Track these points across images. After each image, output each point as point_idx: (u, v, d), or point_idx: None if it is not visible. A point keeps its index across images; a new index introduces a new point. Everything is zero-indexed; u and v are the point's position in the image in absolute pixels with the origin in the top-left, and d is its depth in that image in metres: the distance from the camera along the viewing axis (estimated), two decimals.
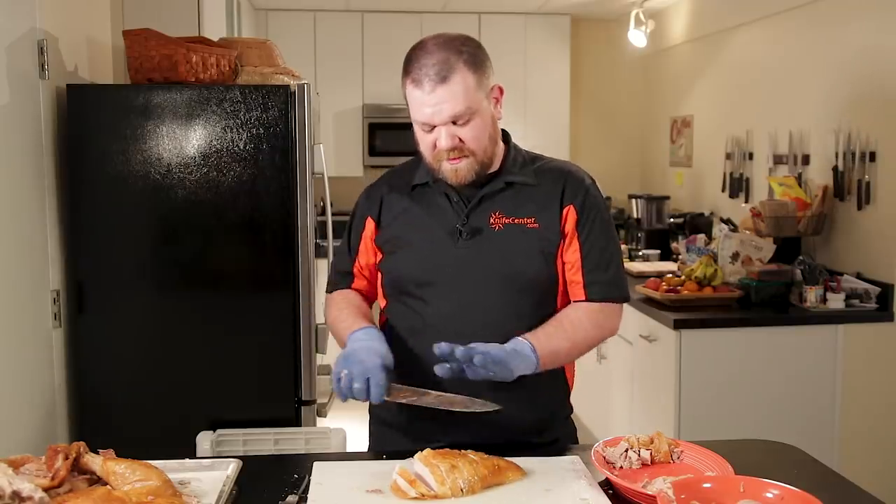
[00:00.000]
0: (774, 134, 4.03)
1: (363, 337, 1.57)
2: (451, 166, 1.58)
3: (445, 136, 1.55)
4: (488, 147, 1.61)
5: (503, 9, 5.59)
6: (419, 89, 1.54)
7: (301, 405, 2.53)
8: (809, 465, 1.60)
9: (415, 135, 1.63)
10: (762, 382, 3.20)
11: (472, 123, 1.56)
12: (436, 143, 1.57)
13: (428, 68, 1.53)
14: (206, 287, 2.49)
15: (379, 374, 1.48)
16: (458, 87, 1.53)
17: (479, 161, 1.59)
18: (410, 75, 1.56)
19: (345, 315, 1.67)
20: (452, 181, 1.61)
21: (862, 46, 3.42)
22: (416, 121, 1.59)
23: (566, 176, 1.68)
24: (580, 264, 1.64)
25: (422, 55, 1.55)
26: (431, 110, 1.54)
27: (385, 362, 1.50)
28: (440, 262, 1.63)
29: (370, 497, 1.36)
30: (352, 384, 1.47)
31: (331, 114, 5.58)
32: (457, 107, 1.53)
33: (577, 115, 6.07)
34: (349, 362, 1.50)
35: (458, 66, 1.53)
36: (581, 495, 1.37)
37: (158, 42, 2.46)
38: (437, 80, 1.52)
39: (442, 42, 1.56)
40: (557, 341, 1.59)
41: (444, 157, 1.57)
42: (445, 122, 1.55)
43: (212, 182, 2.45)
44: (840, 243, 3.55)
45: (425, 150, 1.61)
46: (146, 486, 1.29)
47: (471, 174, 1.60)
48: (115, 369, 2.45)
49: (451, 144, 1.55)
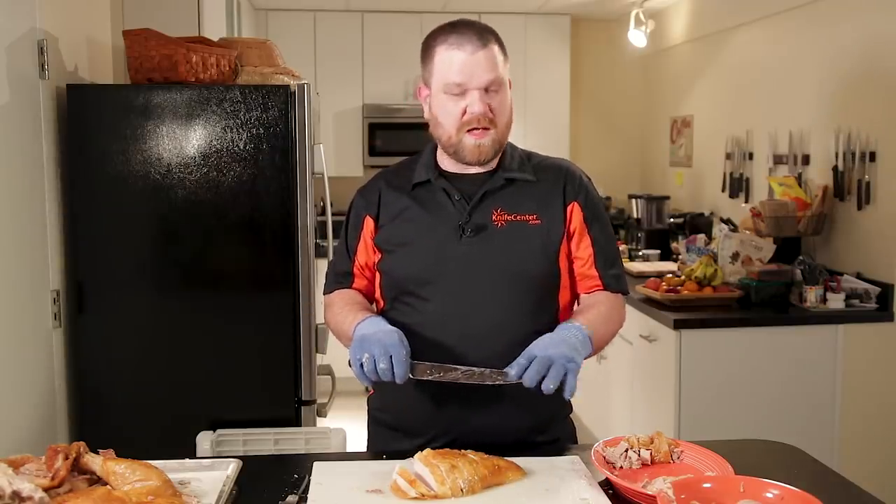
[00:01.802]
0: (774, 134, 4.03)
1: (371, 323, 1.55)
2: (473, 141, 1.59)
3: (479, 101, 1.57)
4: (506, 129, 1.63)
5: (503, 9, 5.60)
6: (460, 51, 1.57)
7: (301, 405, 2.53)
8: (809, 465, 1.60)
9: (431, 115, 1.63)
10: (762, 382, 3.20)
11: (500, 95, 1.60)
12: (465, 110, 1.58)
13: (470, 34, 1.58)
14: (206, 287, 2.49)
15: (401, 351, 1.46)
16: (494, 55, 1.59)
17: (499, 139, 1.61)
18: (447, 41, 1.58)
19: (347, 310, 1.66)
20: (472, 158, 1.61)
21: (862, 46, 3.42)
22: (450, 83, 1.58)
23: (565, 173, 1.70)
24: (593, 259, 1.67)
25: (457, 25, 1.61)
26: (470, 71, 1.56)
27: (402, 339, 1.49)
28: (443, 259, 1.62)
29: (370, 497, 1.36)
30: (376, 365, 1.45)
31: (331, 114, 5.57)
32: (493, 71, 1.57)
33: (577, 115, 6.07)
34: (367, 345, 1.48)
35: (490, 38, 1.60)
36: (581, 495, 1.37)
37: (158, 42, 2.46)
38: (479, 44, 1.57)
39: (472, 21, 1.63)
40: (602, 326, 1.61)
41: (471, 125, 1.58)
42: (483, 85, 1.57)
43: (212, 182, 2.45)
44: (840, 243, 3.55)
45: (450, 122, 1.60)
46: (146, 486, 1.29)
47: (491, 151, 1.61)
48: (115, 369, 2.45)
49: (483, 110, 1.57)
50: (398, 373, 1.45)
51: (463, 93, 1.57)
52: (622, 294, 1.71)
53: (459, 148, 1.61)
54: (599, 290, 1.68)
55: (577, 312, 1.67)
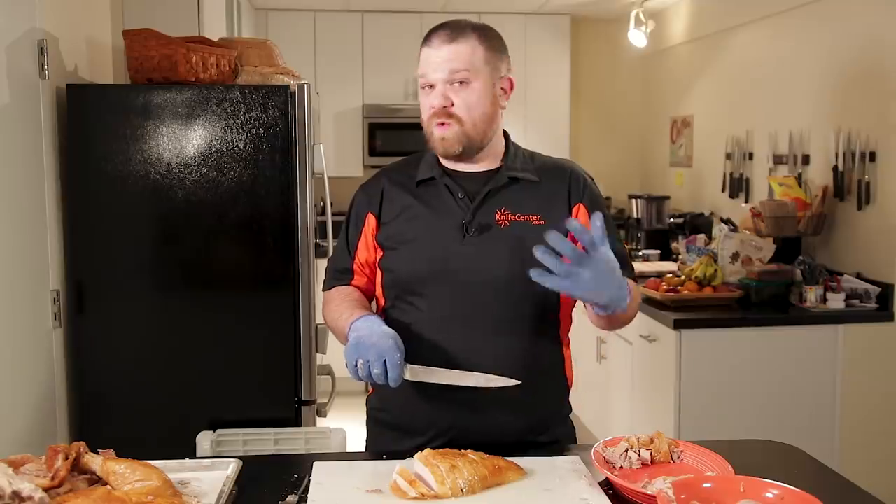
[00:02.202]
0: (774, 134, 4.03)
1: (366, 324, 1.54)
2: (438, 133, 1.60)
3: (438, 94, 1.59)
4: (479, 123, 1.61)
5: (503, 9, 5.60)
6: (428, 47, 1.60)
7: (301, 405, 2.53)
8: (809, 465, 1.60)
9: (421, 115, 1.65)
10: (762, 382, 3.20)
11: (468, 89, 1.59)
12: (431, 105, 1.60)
13: (442, 30, 1.61)
14: (205, 287, 2.49)
15: (394, 355, 1.45)
16: (464, 49, 1.59)
17: (466, 132, 1.60)
18: (428, 39, 1.62)
19: (344, 307, 1.66)
20: (439, 150, 1.63)
21: (862, 46, 3.42)
22: (420, 79, 1.62)
23: (569, 173, 1.70)
24: None
25: (445, 24, 1.63)
26: (432, 64, 1.59)
27: (397, 342, 1.48)
28: (446, 257, 1.62)
29: (370, 497, 1.36)
30: (370, 370, 1.45)
31: (331, 114, 5.58)
32: (454, 64, 1.57)
33: (577, 115, 6.07)
34: (361, 349, 1.47)
35: (469, 34, 1.60)
36: (581, 495, 1.37)
37: (158, 42, 2.46)
38: (447, 39, 1.59)
39: (464, 19, 1.65)
40: (636, 293, 1.61)
41: (436, 120, 1.60)
42: (444, 78, 1.58)
43: (212, 182, 2.45)
44: (840, 243, 3.55)
45: (424, 115, 1.63)
46: (146, 486, 1.29)
47: (457, 145, 1.60)
48: (115, 369, 2.45)
49: (441, 102, 1.58)
50: (391, 377, 1.45)
51: (432, 87, 1.60)
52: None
53: (431, 140, 1.63)
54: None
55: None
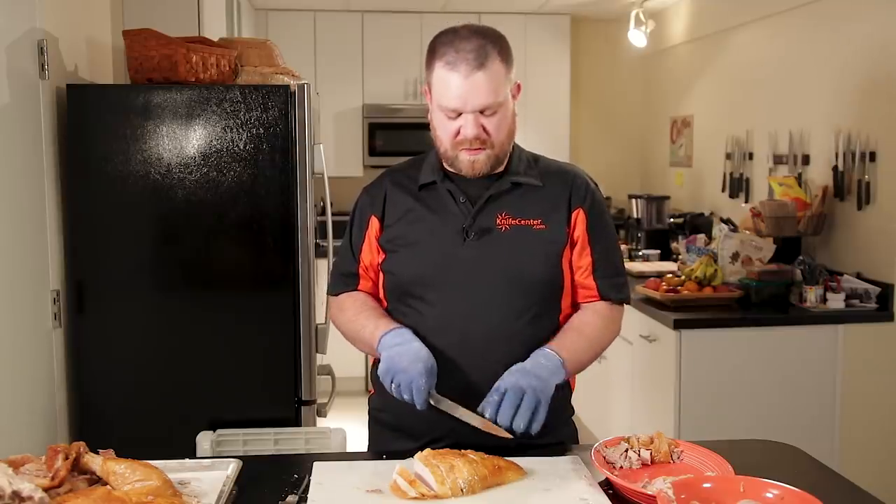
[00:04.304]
0: (774, 134, 4.03)
1: (397, 340, 1.57)
2: (469, 157, 1.58)
3: (472, 125, 1.54)
4: (506, 142, 1.61)
5: (503, 9, 5.60)
6: (455, 72, 1.52)
7: (301, 405, 2.53)
8: (809, 465, 1.60)
9: (431, 121, 1.63)
10: (762, 382, 3.20)
11: (498, 115, 1.56)
12: (459, 130, 1.56)
13: (466, 53, 1.52)
14: (205, 287, 2.49)
15: (420, 381, 1.48)
16: (493, 75, 1.53)
17: (496, 154, 1.60)
18: (444, 58, 1.54)
19: (363, 318, 1.66)
20: (468, 172, 1.61)
21: (862, 46, 3.42)
22: (443, 107, 1.56)
23: (572, 178, 1.69)
24: (591, 268, 1.66)
25: (457, 40, 1.54)
26: (464, 96, 1.53)
27: (426, 366, 1.51)
28: (446, 261, 1.62)
29: (370, 497, 1.36)
30: (402, 395, 1.51)
31: (331, 114, 5.57)
32: (489, 96, 1.53)
33: (577, 115, 6.07)
34: (392, 372, 1.52)
35: (493, 55, 1.53)
36: (581, 495, 1.37)
37: (158, 42, 2.46)
38: (476, 65, 1.51)
39: (477, 30, 1.57)
40: (581, 350, 1.62)
41: (463, 145, 1.57)
42: (476, 109, 1.54)
43: (212, 182, 2.45)
44: (840, 243, 3.55)
45: (445, 138, 1.59)
46: (146, 486, 1.29)
47: (487, 167, 1.60)
48: (115, 369, 2.45)
49: (476, 134, 1.55)
50: (417, 402, 1.49)
51: (458, 115, 1.56)
52: (623, 303, 1.71)
53: (455, 162, 1.61)
54: (596, 300, 1.68)
55: (561, 333, 1.64)
